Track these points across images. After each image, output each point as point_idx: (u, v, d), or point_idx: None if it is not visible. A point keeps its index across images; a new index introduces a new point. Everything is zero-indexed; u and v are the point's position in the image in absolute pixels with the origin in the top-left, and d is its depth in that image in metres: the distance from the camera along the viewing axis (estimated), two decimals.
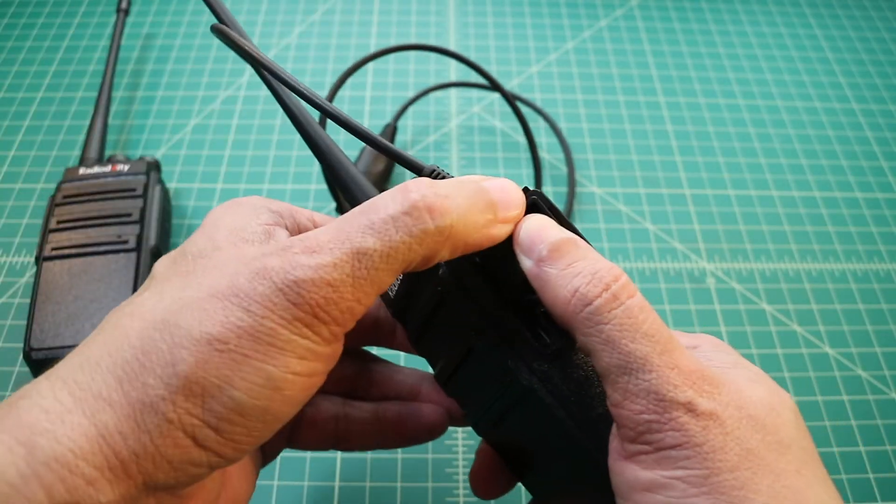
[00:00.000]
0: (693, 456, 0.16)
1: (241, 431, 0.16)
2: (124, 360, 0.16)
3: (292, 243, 0.17)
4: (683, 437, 0.16)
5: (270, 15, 0.51)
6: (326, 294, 0.16)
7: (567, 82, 0.47)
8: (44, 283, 0.32)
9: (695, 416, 0.16)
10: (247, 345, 0.16)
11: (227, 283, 0.16)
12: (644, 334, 0.17)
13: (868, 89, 0.48)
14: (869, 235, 0.40)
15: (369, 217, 0.17)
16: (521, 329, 0.19)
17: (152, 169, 0.36)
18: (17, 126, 0.43)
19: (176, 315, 0.16)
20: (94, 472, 0.15)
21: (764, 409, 0.17)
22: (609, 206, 0.40)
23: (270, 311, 0.16)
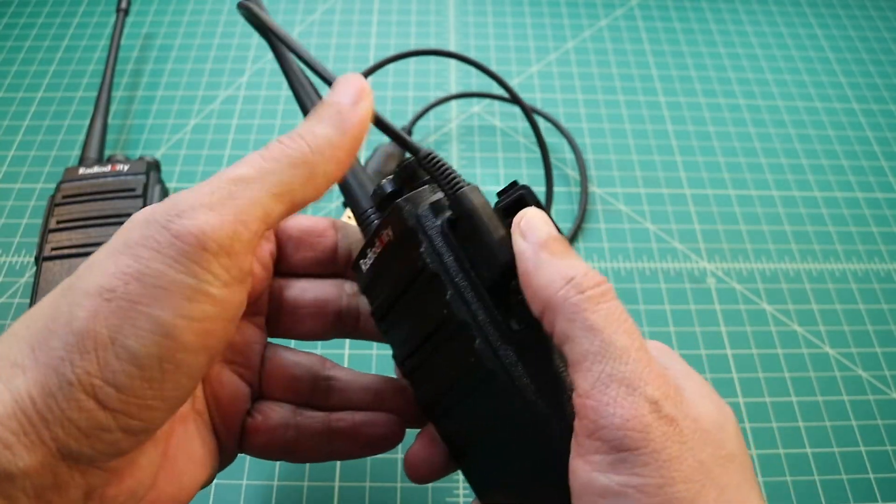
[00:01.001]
0: (651, 462, 0.16)
1: (141, 386, 0.16)
2: (37, 329, 0.16)
3: (182, 197, 0.17)
4: (644, 439, 0.16)
5: (270, 15, 0.50)
6: (207, 219, 0.16)
7: (567, 82, 0.47)
8: (44, 283, 0.32)
9: (658, 417, 0.16)
10: (134, 290, 0.16)
11: (123, 240, 0.17)
12: (626, 330, 0.17)
13: (868, 89, 0.48)
14: (869, 235, 0.40)
15: (249, 155, 0.18)
16: (492, 311, 0.19)
17: (152, 169, 0.36)
18: (17, 126, 0.43)
19: (80, 278, 0.16)
20: (10, 437, 0.15)
21: (713, 423, 0.17)
22: (609, 206, 0.40)
23: (156, 251, 0.16)
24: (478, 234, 0.19)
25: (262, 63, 0.47)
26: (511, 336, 0.19)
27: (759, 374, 0.34)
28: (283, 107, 0.45)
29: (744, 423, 0.32)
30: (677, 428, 0.16)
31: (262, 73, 0.47)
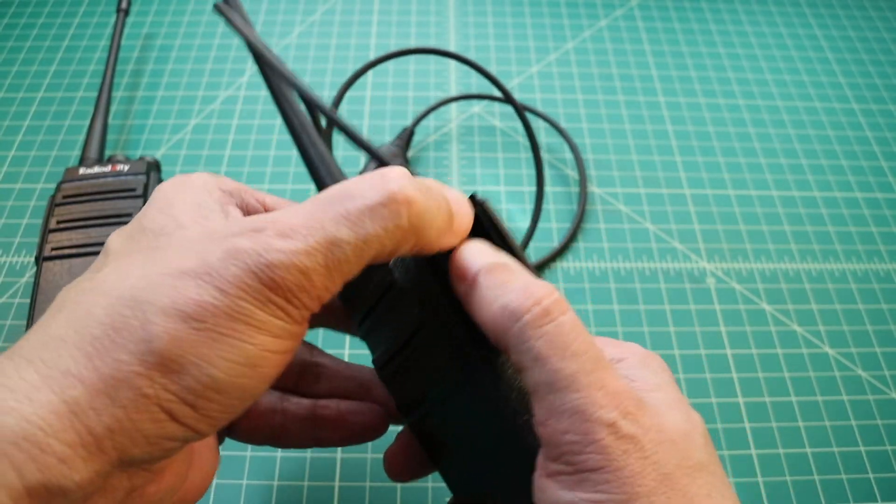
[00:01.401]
0: (612, 480, 0.16)
1: (216, 408, 0.16)
2: (93, 337, 0.15)
3: (264, 224, 0.17)
4: (604, 460, 0.16)
5: (270, 15, 0.51)
6: (298, 280, 0.16)
7: (567, 82, 0.47)
8: (44, 283, 0.32)
9: (616, 437, 0.16)
10: (223, 323, 0.16)
11: (198, 262, 0.16)
12: (573, 353, 0.17)
13: (868, 89, 0.48)
14: (869, 235, 0.40)
15: (345, 205, 0.17)
16: (462, 328, 0.19)
17: (152, 169, 0.36)
18: (17, 126, 0.43)
19: (146, 292, 0.16)
20: (66, 450, 0.14)
21: (680, 433, 0.17)
22: (609, 206, 0.40)
23: (244, 291, 0.16)
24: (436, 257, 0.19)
25: None
26: (488, 348, 0.19)
27: (759, 374, 0.34)
28: None
29: (743, 423, 0.32)
30: (638, 444, 0.16)
31: None
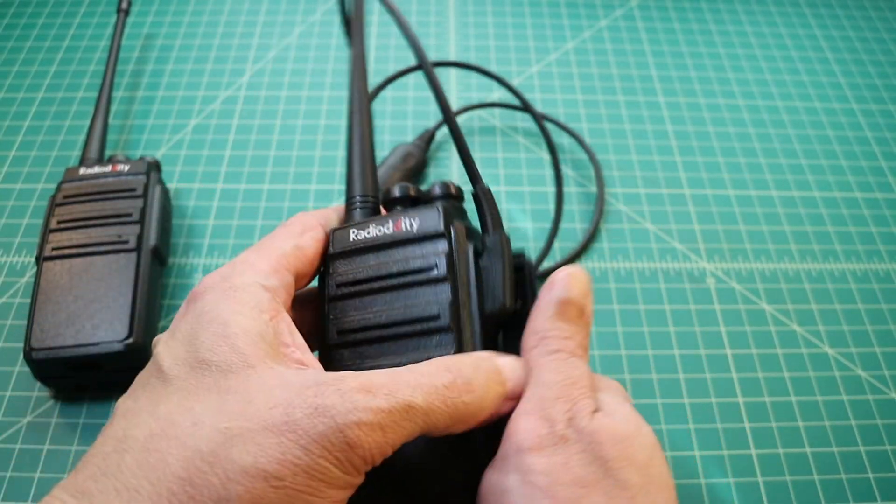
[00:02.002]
0: (538, 463, 0.18)
1: None
2: (170, 492, 0.16)
3: (344, 377, 0.17)
4: (537, 446, 0.19)
5: (271, 15, 0.51)
6: (377, 438, 0.17)
7: (567, 82, 0.47)
8: (44, 283, 0.32)
9: (552, 434, 0.19)
10: (301, 481, 0.16)
11: (283, 417, 0.16)
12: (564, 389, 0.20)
13: (868, 89, 0.48)
14: (868, 235, 0.40)
15: (418, 379, 0.18)
16: (480, 332, 0.21)
17: (152, 169, 0.36)
18: (18, 126, 0.43)
19: (226, 448, 0.16)
20: None
21: (616, 443, 0.19)
22: (609, 206, 0.40)
23: (328, 450, 0.16)
24: (496, 273, 0.21)
25: (262, 63, 0.47)
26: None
27: (759, 374, 0.34)
28: (283, 107, 0.45)
29: (743, 423, 0.32)
30: (567, 443, 0.19)
31: (262, 73, 0.47)
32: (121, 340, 0.30)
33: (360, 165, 0.24)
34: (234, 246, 0.38)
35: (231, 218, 0.39)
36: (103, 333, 0.30)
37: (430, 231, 0.22)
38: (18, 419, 0.32)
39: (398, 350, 0.21)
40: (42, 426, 0.31)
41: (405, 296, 0.21)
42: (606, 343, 0.35)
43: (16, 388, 0.33)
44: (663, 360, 0.34)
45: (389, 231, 0.22)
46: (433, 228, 0.22)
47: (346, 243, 0.22)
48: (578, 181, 0.42)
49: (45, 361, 0.30)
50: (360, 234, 0.22)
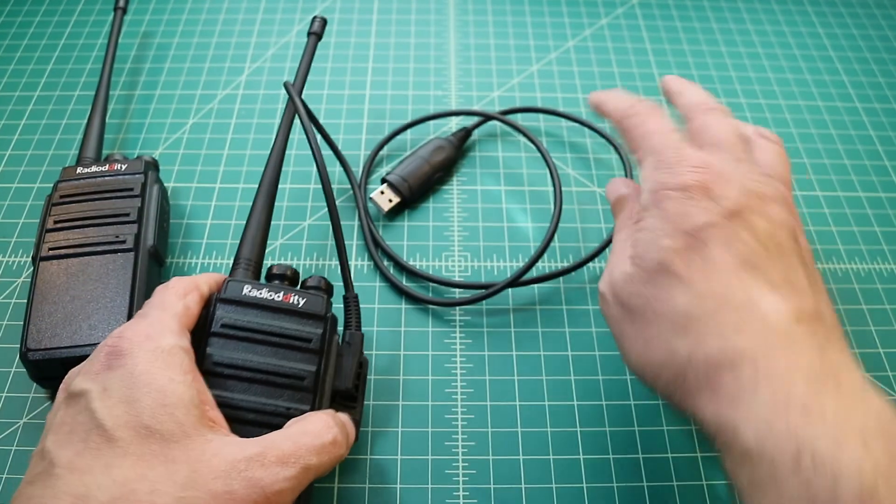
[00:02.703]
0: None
1: None
2: None
3: (264, 452, 0.22)
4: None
5: (269, 13, 0.50)
6: (291, 494, 0.22)
7: (568, 81, 0.47)
8: (41, 283, 0.32)
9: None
10: None
11: (224, 487, 0.21)
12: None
13: (871, 88, 0.47)
14: (872, 235, 0.39)
15: (313, 441, 0.23)
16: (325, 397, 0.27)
17: (150, 168, 0.36)
18: (14, 125, 0.43)
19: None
20: None
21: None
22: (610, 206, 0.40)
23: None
24: (348, 361, 0.28)
25: (260, 62, 0.47)
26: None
27: None
28: (282, 106, 0.44)
29: None
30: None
31: (260, 71, 0.46)
32: None
33: (255, 233, 0.29)
34: (231, 246, 0.37)
35: (229, 218, 0.39)
36: (100, 334, 0.30)
37: (313, 312, 0.27)
38: (15, 420, 0.31)
39: (262, 392, 0.25)
40: (39, 427, 0.31)
41: (279, 353, 0.26)
42: (610, 344, 0.34)
43: (12, 389, 0.32)
44: None
45: (279, 299, 0.27)
46: (317, 311, 0.27)
47: (238, 294, 0.27)
48: (578, 180, 0.41)
49: (42, 362, 0.30)
50: (252, 291, 0.27)
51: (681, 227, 0.23)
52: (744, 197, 0.23)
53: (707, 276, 0.23)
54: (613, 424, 0.32)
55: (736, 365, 0.21)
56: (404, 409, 0.32)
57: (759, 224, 0.23)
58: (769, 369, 0.21)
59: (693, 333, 0.22)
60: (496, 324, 0.35)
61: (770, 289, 0.22)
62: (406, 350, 0.34)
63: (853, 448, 0.18)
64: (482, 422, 0.32)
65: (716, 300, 0.22)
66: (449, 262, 0.37)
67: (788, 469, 0.19)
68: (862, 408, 0.20)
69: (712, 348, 0.22)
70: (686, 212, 0.23)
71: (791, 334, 0.21)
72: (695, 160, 0.24)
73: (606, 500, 0.30)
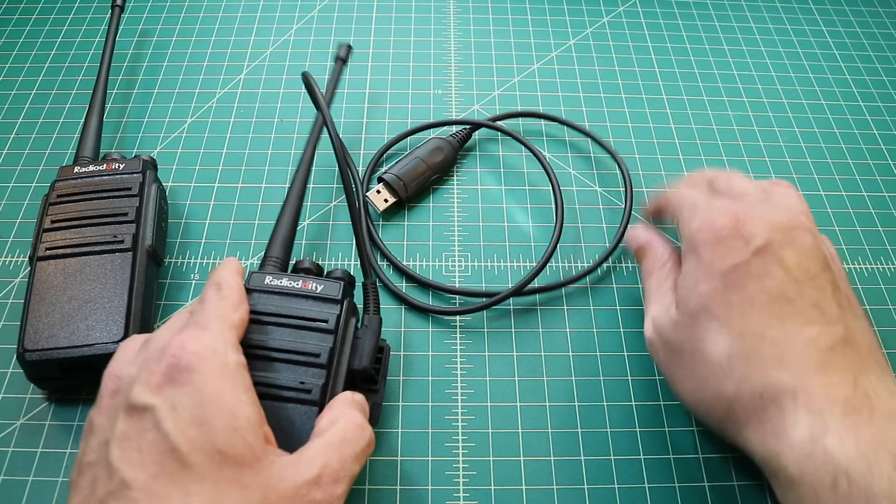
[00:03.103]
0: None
1: None
2: None
3: (320, 475, 0.22)
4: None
5: (268, 11, 0.50)
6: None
7: (569, 80, 0.46)
8: (38, 283, 0.31)
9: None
10: None
11: None
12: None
13: (875, 86, 0.47)
14: (875, 235, 0.39)
15: (354, 450, 0.23)
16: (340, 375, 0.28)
17: (148, 167, 0.36)
18: (11, 123, 0.43)
19: None
20: None
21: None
22: (610, 206, 0.40)
23: None
24: (366, 343, 0.29)
25: (259, 60, 0.47)
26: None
27: None
28: (281, 105, 0.44)
29: None
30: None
31: (259, 70, 0.46)
32: (116, 341, 0.30)
33: (284, 234, 0.32)
34: (230, 245, 0.37)
35: (228, 217, 0.38)
36: (98, 334, 0.30)
37: (329, 296, 0.28)
38: (12, 421, 0.31)
39: (279, 369, 0.26)
40: (36, 428, 0.31)
41: (296, 334, 0.27)
42: (611, 344, 0.34)
43: (9, 389, 0.32)
44: None
45: (298, 286, 0.29)
46: (333, 295, 0.28)
47: (260, 283, 0.29)
48: (579, 180, 0.41)
49: (39, 363, 0.30)
50: (273, 281, 0.29)
51: (717, 269, 0.26)
52: (771, 232, 0.25)
53: (744, 314, 0.25)
54: (615, 426, 0.32)
55: (777, 398, 0.23)
56: (404, 410, 0.32)
57: (789, 257, 0.25)
58: (807, 400, 0.23)
59: (737, 371, 0.24)
60: (497, 325, 0.35)
61: (804, 321, 0.24)
62: (406, 350, 0.34)
63: (885, 469, 0.21)
64: (483, 423, 0.32)
65: (753, 337, 0.24)
66: (449, 263, 0.37)
67: (827, 494, 0.21)
68: (894, 432, 0.22)
69: (756, 384, 0.24)
70: (719, 254, 0.26)
71: (825, 364, 0.23)
72: (723, 206, 0.27)
73: (608, 501, 0.29)
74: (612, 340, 0.34)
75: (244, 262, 0.37)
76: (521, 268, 0.37)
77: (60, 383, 0.31)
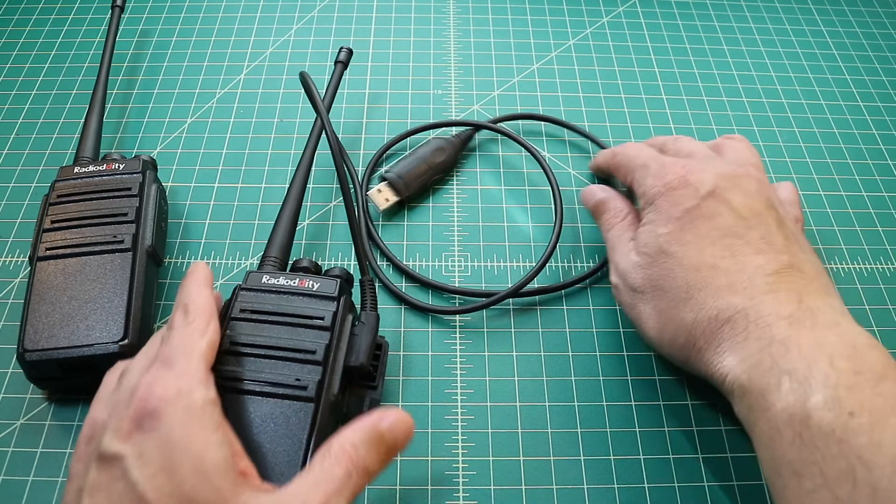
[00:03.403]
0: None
1: None
2: None
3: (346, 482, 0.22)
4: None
5: (268, 11, 0.50)
6: None
7: (569, 80, 0.46)
8: (38, 283, 0.31)
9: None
10: None
11: None
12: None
13: (875, 86, 0.47)
14: (875, 235, 0.39)
15: (336, 485, 0.22)
16: (336, 373, 0.28)
17: (148, 167, 0.36)
18: (11, 124, 0.43)
19: None
20: None
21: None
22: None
23: None
24: (363, 340, 0.29)
25: (259, 60, 0.47)
26: (327, 395, 0.27)
27: None
28: (281, 105, 0.44)
29: None
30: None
31: (259, 70, 0.46)
32: (116, 341, 0.30)
33: (283, 234, 0.32)
34: (230, 245, 0.37)
35: (228, 217, 0.38)
36: (98, 334, 0.30)
37: (326, 293, 0.29)
38: (12, 421, 0.31)
39: (275, 368, 0.26)
40: (36, 428, 0.31)
41: (292, 331, 0.27)
42: (611, 345, 0.34)
43: (9, 389, 0.32)
44: (668, 361, 0.34)
45: (294, 284, 0.29)
46: (329, 293, 0.29)
47: (258, 282, 0.29)
48: (579, 179, 0.41)
49: (39, 363, 0.30)
50: (270, 279, 0.29)
51: (672, 215, 0.29)
52: (717, 179, 0.29)
53: (698, 249, 0.28)
54: (614, 426, 0.32)
55: (731, 319, 0.26)
56: (404, 410, 0.32)
57: (735, 198, 0.28)
58: (756, 318, 0.25)
59: (694, 300, 0.27)
60: (496, 324, 0.35)
61: (752, 251, 0.27)
62: (406, 350, 0.34)
63: (821, 368, 0.23)
64: (483, 423, 0.32)
65: (708, 269, 0.27)
66: (448, 262, 0.37)
67: (774, 395, 0.24)
68: (832, 338, 0.24)
69: (711, 309, 0.27)
70: (673, 202, 0.29)
71: (773, 285, 0.26)
72: (673, 162, 0.31)
73: (608, 501, 0.29)
74: (612, 340, 0.34)
75: (244, 263, 0.37)
76: (520, 268, 0.37)
77: (60, 383, 0.31)
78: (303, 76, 0.35)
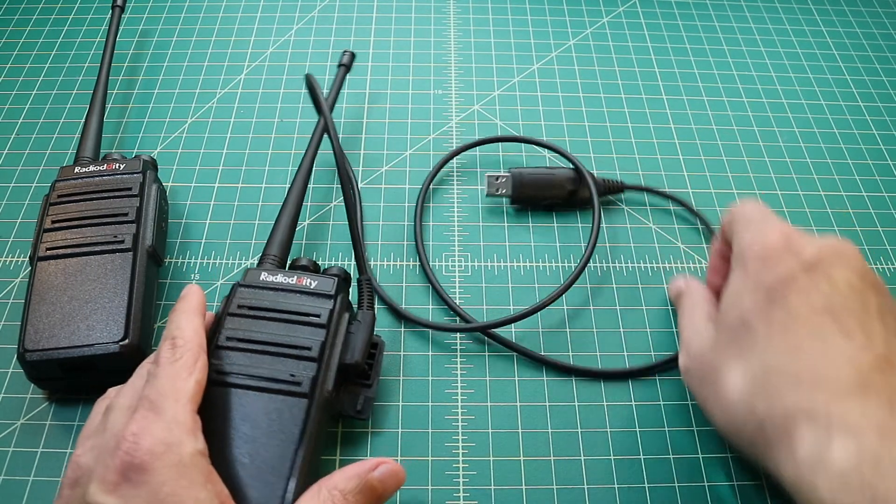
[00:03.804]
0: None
1: None
2: None
3: None
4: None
5: (268, 11, 0.50)
6: None
7: (569, 80, 0.46)
8: (38, 283, 0.31)
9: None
10: None
11: None
12: None
13: (875, 86, 0.47)
14: (875, 235, 0.39)
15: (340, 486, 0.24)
16: (331, 370, 0.28)
17: (148, 167, 0.36)
18: (12, 124, 0.43)
19: None
20: None
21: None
22: (611, 206, 0.40)
23: None
24: (358, 338, 0.29)
25: (259, 60, 0.47)
26: (321, 392, 0.27)
27: None
28: (281, 105, 0.44)
29: None
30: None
31: (259, 70, 0.46)
32: (116, 341, 0.30)
33: (282, 233, 0.32)
34: (230, 246, 0.37)
35: (228, 217, 0.38)
36: (98, 334, 0.30)
37: (323, 291, 0.29)
38: (12, 421, 0.31)
39: (270, 363, 0.27)
40: (36, 428, 0.31)
41: (288, 328, 0.28)
42: (612, 345, 0.34)
43: (9, 389, 0.32)
44: (668, 363, 0.34)
45: (292, 282, 0.29)
46: (326, 291, 0.29)
47: (255, 280, 0.29)
48: None
49: (39, 363, 0.30)
50: (268, 277, 0.29)
51: (763, 282, 0.25)
52: (822, 250, 0.25)
53: (785, 328, 0.24)
54: (615, 426, 0.32)
55: (811, 418, 0.22)
56: (404, 410, 0.32)
57: (838, 273, 0.24)
58: (842, 423, 0.21)
59: (771, 387, 0.23)
60: None
61: (844, 337, 0.23)
62: (406, 350, 0.34)
63: None
64: (483, 423, 0.32)
65: (792, 353, 0.23)
66: (449, 263, 0.37)
67: None
68: None
69: (789, 402, 0.23)
70: (767, 267, 0.25)
71: (863, 384, 0.22)
72: (777, 224, 0.27)
73: (608, 501, 0.29)
74: (613, 340, 0.34)
75: (244, 262, 0.37)
76: (520, 267, 0.37)
77: (60, 383, 0.31)
78: (308, 79, 0.35)
